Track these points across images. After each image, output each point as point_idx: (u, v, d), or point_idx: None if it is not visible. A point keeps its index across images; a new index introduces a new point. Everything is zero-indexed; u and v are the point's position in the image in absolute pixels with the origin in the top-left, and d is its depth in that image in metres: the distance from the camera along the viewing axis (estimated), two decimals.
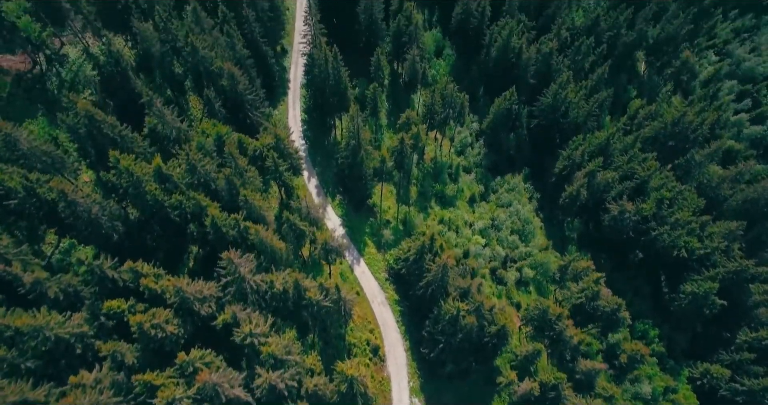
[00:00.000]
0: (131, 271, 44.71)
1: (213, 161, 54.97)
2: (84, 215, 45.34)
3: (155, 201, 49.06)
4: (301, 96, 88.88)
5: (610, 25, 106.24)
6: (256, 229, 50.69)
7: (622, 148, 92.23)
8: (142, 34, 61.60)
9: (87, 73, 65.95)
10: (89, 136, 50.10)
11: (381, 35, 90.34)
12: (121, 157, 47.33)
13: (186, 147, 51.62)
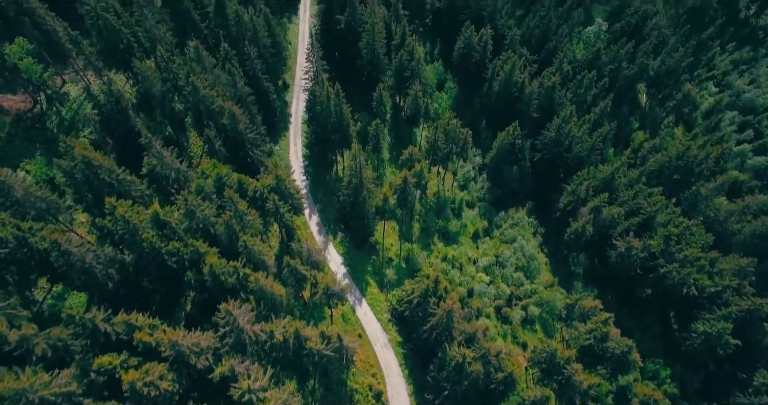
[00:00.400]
0: (125, 324, 42.83)
1: (212, 205, 53.64)
2: (78, 264, 43.77)
3: (152, 248, 47.52)
4: (302, 131, 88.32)
5: (611, 58, 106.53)
6: (255, 277, 49.01)
7: (627, 182, 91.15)
8: (142, 73, 61.15)
9: (87, 112, 65.29)
10: (86, 180, 48.93)
11: (383, 69, 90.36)
12: (118, 203, 46.03)
13: (184, 192, 50.39)
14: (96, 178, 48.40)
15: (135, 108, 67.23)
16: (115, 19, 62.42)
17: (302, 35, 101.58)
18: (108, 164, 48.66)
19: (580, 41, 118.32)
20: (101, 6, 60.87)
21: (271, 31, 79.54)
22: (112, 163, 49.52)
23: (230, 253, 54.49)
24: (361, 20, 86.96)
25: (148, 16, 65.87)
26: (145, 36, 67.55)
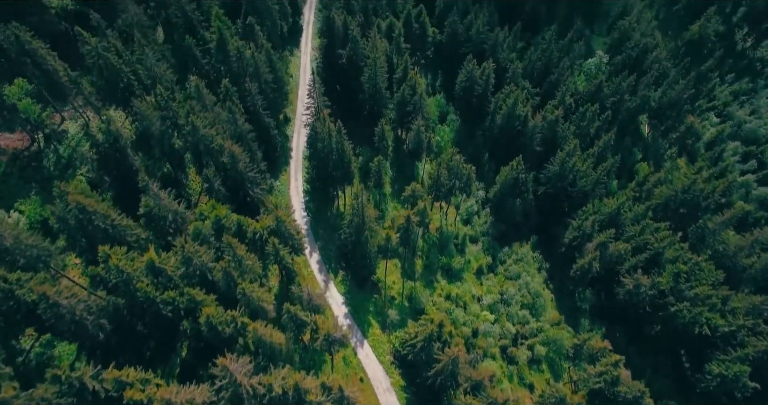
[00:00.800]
0: (115, 381, 40.57)
1: (210, 250, 51.94)
2: (67, 316, 41.80)
3: (146, 298, 45.59)
4: (303, 165, 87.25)
5: (613, 90, 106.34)
6: (254, 326, 46.93)
7: (633, 217, 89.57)
8: (141, 113, 60.26)
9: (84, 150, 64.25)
10: (79, 226, 47.36)
11: (385, 103, 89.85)
12: (112, 251, 44.33)
13: (181, 239, 48.74)
14: (90, 224, 46.81)
15: (134, 145, 66.24)
16: (115, 59, 61.95)
17: (304, 68, 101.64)
18: (103, 209, 47.14)
19: (581, 73, 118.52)
20: (102, 46, 60.44)
21: (273, 66, 79.24)
22: (107, 208, 48.00)
23: (228, 300, 52.54)
24: (363, 55, 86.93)
25: (149, 54, 65.44)
26: (145, 73, 67.05)
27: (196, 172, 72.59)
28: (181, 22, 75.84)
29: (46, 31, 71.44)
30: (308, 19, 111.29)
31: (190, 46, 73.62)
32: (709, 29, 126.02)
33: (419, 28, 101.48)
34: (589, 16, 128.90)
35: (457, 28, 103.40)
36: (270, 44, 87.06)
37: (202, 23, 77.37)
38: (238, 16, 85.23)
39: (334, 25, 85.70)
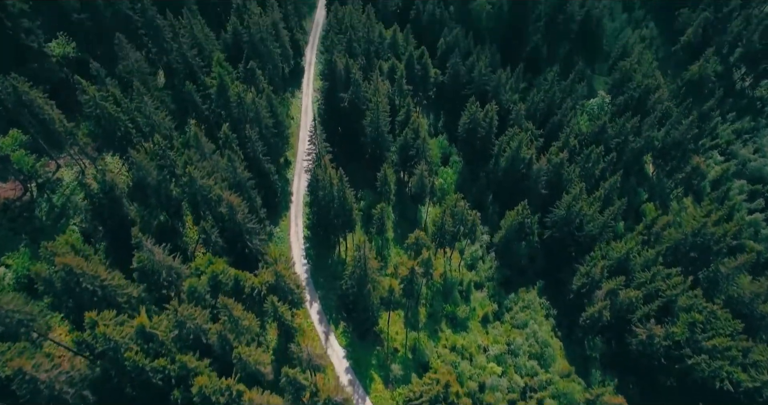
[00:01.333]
0: None
1: (205, 311, 49.19)
2: (45, 391, 38.72)
3: (135, 366, 42.59)
4: (304, 210, 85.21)
5: (617, 131, 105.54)
6: (250, 396, 43.71)
7: (643, 262, 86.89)
8: (138, 163, 58.52)
9: (78, 199, 62.31)
10: (66, 289, 44.79)
11: (387, 146, 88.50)
12: (99, 317, 41.61)
13: (174, 302, 46.07)
14: (77, 286, 44.25)
15: (129, 194, 64.21)
16: (113, 107, 60.70)
17: (305, 110, 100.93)
18: (92, 270, 44.63)
19: (583, 113, 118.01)
20: (101, 95, 59.27)
21: (274, 110, 78.21)
22: (96, 268, 45.48)
23: (223, 363, 49.48)
24: (365, 98, 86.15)
25: (148, 102, 64.27)
26: (144, 121, 65.71)
27: (193, 221, 70.36)
28: (181, 67, 75.20)
29: (46, 78, 70.77)
30: (310, 60, 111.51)
31: (190, 92, 72.68)
32: (708, 69, 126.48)
33: (421, 70, 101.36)
34: (590, 55, 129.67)
35: (459, 70, 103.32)
36: (271, 88, 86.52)
37: (203, 69, 76.75)
38: (240, 60, 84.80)
39: (335, 69, 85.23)
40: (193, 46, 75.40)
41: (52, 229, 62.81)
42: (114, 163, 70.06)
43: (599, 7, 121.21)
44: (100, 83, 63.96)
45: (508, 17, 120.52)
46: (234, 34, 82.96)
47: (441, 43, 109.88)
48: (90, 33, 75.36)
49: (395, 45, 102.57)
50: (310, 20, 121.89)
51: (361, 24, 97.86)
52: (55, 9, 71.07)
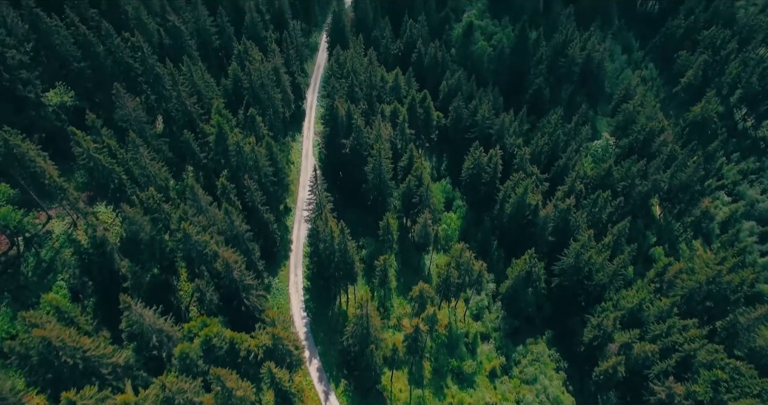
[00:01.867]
0: None
1: (196, 381, 45.58)
2: None
3: None
4: (304, 259, 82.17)
5: (623, 174, 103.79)
6: None
7: (657, 313, 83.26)
8: (130, 218, 56.01)
9: (67, 255, 59.52)
10: (44, 362, 41.35)
11: (389, 193, 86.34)
12: (78, 397, 38.06)
13: (162, 376, 42.54)
14: (57, 359, 40.87)
15: (121, 248, 61.41)
16: (107, 159, 58.68)
17: (306, 154, 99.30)
18: (73, 341, 41.34)
19: (587, 155, 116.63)
20: (94, 148, 57.31)
21: (273, 158, 76.36)
22: (77, 339, 42.16)
23: None
24: (367, 143, 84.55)
25: (144, 153, 62.33)
26: (139, 172, 63.62)
27: (187, 276, 67.30)
28: (180, 115, 73.82)
29: (42, 126, 69.25)
30: (311, 102, 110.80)
31: (188, 141, 70.95)
32: (710, 111, 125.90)
33: (424, 113, 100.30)
34: (592, 96, 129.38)
35: (462, 113, 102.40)
36: (271, 134, 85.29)
37: (202, 116, 75.32)
38: (241, 105, 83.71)
39: (337, 115, 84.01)
40: (192, 94, 74.21)
41: (38, 285, 59.74)
42: (107, 214, 67.58)
43: (600, 50, 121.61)
44: (96, 134, 62.12)
45: (509, 60, 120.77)
46: (234, 80, 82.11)
47: (443, 86, 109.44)
48: (90, 81, 74.24)
49: (397, 88, 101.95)
50: (311, 63, 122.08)
51: (362, 68, 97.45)
52: (55, 58, 70.13)
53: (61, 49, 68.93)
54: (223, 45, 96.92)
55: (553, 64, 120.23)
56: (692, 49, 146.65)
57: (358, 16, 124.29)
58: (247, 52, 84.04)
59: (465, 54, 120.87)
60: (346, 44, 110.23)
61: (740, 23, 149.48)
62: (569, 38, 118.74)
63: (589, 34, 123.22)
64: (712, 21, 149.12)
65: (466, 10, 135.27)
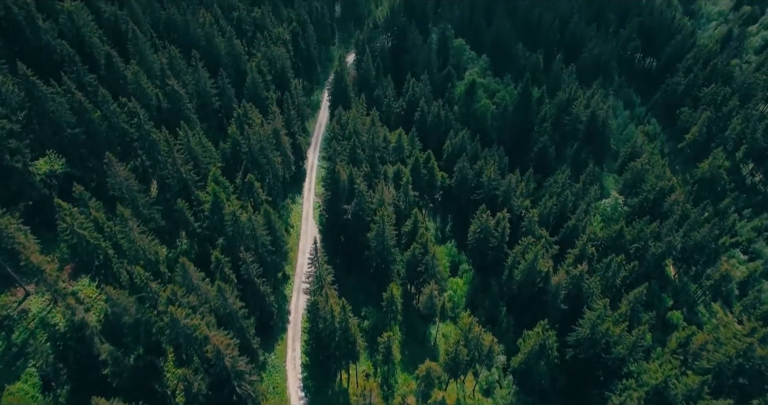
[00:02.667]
0: None
1: None
2: None
3: None
4: (302, 333, 76.72)
5: (635, 236, 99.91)
6: None
7: (685, 391, 76.74)
8: (114, 301, 51.54)
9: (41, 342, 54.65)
10: None
11: (393, 259, 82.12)
12: None
13: None
14: None
15: (103, 329, 56.60)
16: (93, 235, 54.89)
17: (306, 217, 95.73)
18: None
19: (596, 214, 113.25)
20: (79, 224, 53.64)
21: (271, 227, 72.70)
22: None
23: None
24: (369, 209, 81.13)
25: (133, 227, 58.62)
26: (128, 246, 59.69)
27: (174, 361, 61.85)
28: (175, 182, 70.76)
29: (28, 195, 65.94)
30: (312, 162, 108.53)
31: (182, 210, 67.47)
32: (718, 167, 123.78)
33: (428, 174, 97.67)
34: (598, 153, 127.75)
35: (467, 174, 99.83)
36: (270, 198, 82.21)
37: (198, 183, 72.29)
38: (239, 169, 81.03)
39: (338, 179, 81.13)
40: (188, 161, 71.49)
41: (5, 373, 54.39)
42: (90, 289, 63.06)
43: (604, 107, 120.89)
44: (83, 205, 58.72)
45: (512, 117, 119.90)
46: (233, 144, 79.79)
47: (447, 145, 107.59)
48: (83, 146, 71.75)
49: (400, 148, 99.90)
50: (313, 121, 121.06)
51: (365, 128, 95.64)
52: (48, 125, 67.86)
53: (55, 116, 66.76)
54: (223, 106, 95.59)
55: (558, 122, 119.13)
56: (694, 106, 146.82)
57: (361, 74, 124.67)
58: (247, 115, 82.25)
59: (468, 112, 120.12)
60: (348, 104, 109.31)
61: (738, 81, 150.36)
62: (573, 96, 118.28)
63: (592, 92, 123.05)
64: (710, 78, 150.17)
65: (468, 67, 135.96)
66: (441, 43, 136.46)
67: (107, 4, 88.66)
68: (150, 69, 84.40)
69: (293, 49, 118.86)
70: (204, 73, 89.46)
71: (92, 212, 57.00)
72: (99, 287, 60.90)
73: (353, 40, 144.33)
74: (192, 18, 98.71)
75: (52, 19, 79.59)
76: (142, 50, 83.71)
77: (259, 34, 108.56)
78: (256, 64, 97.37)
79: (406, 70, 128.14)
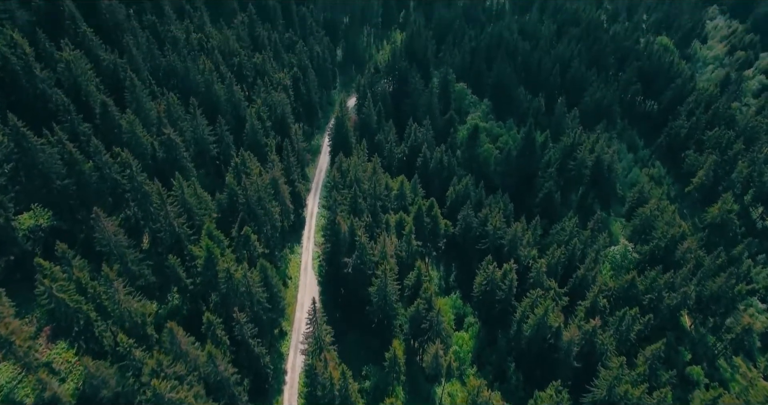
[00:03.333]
0: None
1: None
2: None
3: None
4: (298, 395, 71.44)
5: (647, 286, 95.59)
6: None
7: None
8: (92, 374, 47.14)
9: None
10: None
11: (395, 315, 77.74)
12: None
13: None
14: None
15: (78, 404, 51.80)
16: (73, 298, 51.05)
17: (304, 267, 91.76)
18: None
19: (605, 262, 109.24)
20: (59, 286, 49.92)
21: (268, 282, 68.79)
22: None
23: None
24: (371, 261, 77.45)
25: (119, 288, 54.79)
26: (112, 308, 55.69)
27: None
28: (168, 235, 67.43)
29: (9, 250, 62.46)
30: (311, 210, 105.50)
31: (173, 266, 63.79)
32: (729, 212, 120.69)
33: (431, 222, 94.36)
34: (604, 198, 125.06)
35: (472, 222, 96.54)
36: (267, 250, 78.76)
37: (191, 237, 68.87)
38: (236, 220, 77.81)
39: (338, 230, 77.87)
40: (181, 214, 68.35)
41: None
42: (69, 354, 58.47)
43: (609, 152, 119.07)
44: (66, 264, 55.18)
45: (516, 162, 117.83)
46: (230, 194, 76.87)
47: (450, 192, 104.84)
48: (72, 197, 68.83)
49: (403, 196, 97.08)
50: (313, 166, 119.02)
51: (366, 176, 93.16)
52: (37, 176, 65.15)
53: (44, 167, 64.15)
54: (221, 152, 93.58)
55: (562, 167, 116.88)
56: (698, 149, 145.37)
57: (362, 118, 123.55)
58: (245, 164, 79.76)
59: (471, 156, 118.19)
60: (349, 149, 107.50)
61: (741, 124, 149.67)
62: (577, 141, 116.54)
63: (597, 136, 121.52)
64: (713, 122, 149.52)
65: (470, 111, 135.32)
66: (442, 87, 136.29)
67: (107, 53, 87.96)
68: (147, 117, 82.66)
69: (294, 94, 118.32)
70: (202, 120, 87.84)
71: (75, 272, 53.29)
72: (78, 353, 56.34)
73: (354, 84, 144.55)
74: (192, 64, 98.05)
75: (50, 68, 78.54)
76: (140, 98, 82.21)
77: (260, 80, 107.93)
78: (256, 110, 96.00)
79: (408, 114, 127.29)
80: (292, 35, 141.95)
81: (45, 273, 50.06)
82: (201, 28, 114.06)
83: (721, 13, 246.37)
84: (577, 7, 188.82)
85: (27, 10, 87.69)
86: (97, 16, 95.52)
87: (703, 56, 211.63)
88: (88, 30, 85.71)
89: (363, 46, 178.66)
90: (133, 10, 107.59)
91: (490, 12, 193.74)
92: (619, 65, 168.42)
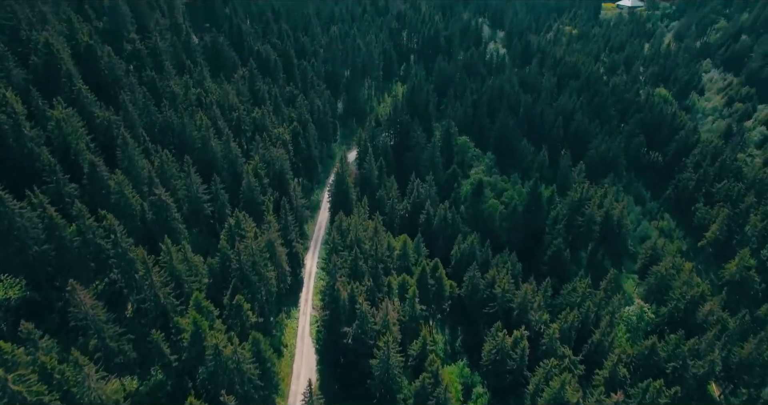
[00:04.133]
0: None
1: None
2: None
3: None
4: None
5: (669, 353, 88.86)
6: None
7: None
8: None
9: None
10: None
11: (399, 389, 71.05)
12: None
13: None
14: None
15: None
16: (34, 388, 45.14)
17: (302, 334, 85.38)
18: None
19: (620, 324, 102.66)
20: (16, 377, 44.11)
21: (260, 357, 62.84)
22: None
23: None
24: (373, 330, 71.60)
25: (91, 374, 48.97)
26: (82, 394, 49.60)
27: None
28: (153, 306, 62.13)
29: None
30: (310, 269, 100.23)
31: (156, 342, 58.12)
32: (748, 269, 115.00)
33: (435, 284, 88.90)
34: (614, 255, 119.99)
35: (478, 284, 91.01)
36: (261, 319, 73.15)
37: (178, 308, 63.55)
38: (228, 286, 72.57)
39: (338, 297, 72.50)
40: (167, 283, 63.34)
41: None
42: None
43: (618, 208, 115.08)
44: (32, 346, 49.71)
45: (522, 218, 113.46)
46: (222, 259, 72.19)
47: (455, 251, 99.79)
48: (50, 264, 64.17)
49: (405, 256, 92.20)
50: (312, 223, 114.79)
51: (367, 235, 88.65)
52: (12, 242, 60.76)
53: (20, 233, 59.85)
54: (216, 211, 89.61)
55: (570, 223, 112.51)
56: (708, 201, 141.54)
57: (363, 173, 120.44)
58: (240, 226, 75.46)
59: (475, 213, 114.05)
60: (350, 206, 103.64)
61: (749, 176, 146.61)
62: (585, 196, 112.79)
63: (605, 191, 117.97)
64: (720, 174, 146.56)
65: (474, 165, 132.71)
66: (445, 141, 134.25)
67: (101, 110, 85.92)
68: (138, 175, 79.39)
69: (293, 149, 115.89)
70: (197, 178, 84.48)
71: (40, 356, 47.66)
72: None
73: (355, 137, 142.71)
74: (189, 120, 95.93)
75: (40, 126, 76.08)
76: (131, 156, 79.22)
77: (258, 135, 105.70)
78: (253, 167, 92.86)
79: (410, 168, 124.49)
80: (293, 89, 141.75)
81: (5, 358, 44.48)
82: (200, 83, 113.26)
83: (714, 66, 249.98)
84: (576, 59, 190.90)
85: (23, 68, 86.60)
86: (97, 72, 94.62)
87: (702, 108, 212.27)
88: (84, 87, 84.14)
89: (364, 98, 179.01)
90: (134, 65, 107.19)
91: (491, 65, 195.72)
92: (621, 117, 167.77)
